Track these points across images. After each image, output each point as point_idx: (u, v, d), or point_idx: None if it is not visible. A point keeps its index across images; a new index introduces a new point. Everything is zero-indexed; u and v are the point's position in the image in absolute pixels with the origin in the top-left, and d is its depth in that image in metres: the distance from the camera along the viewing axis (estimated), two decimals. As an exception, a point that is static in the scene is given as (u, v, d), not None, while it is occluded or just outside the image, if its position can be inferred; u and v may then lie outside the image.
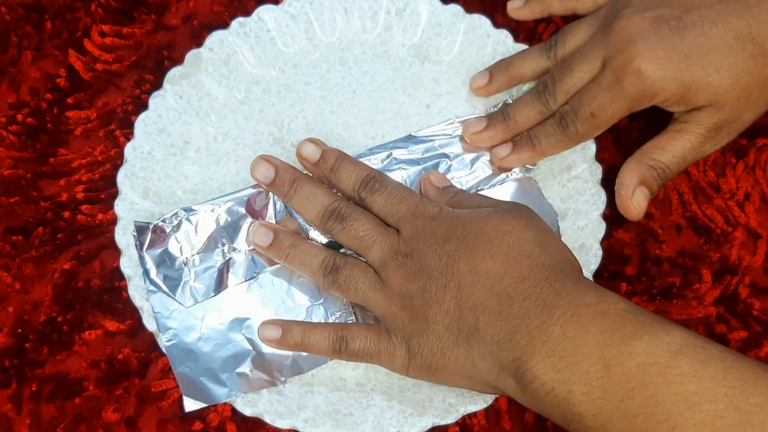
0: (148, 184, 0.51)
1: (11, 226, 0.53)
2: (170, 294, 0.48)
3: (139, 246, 0.49)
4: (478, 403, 0.47)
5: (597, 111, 0.48)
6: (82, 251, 0.52)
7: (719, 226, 0.52)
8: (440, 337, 0.43)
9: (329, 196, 0.48)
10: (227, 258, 0.49)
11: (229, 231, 0.49)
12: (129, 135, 0.53)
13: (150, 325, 0.48)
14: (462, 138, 0.52)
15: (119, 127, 0.55)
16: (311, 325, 0.48)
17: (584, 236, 0.50)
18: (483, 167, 0.52)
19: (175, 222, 0.49)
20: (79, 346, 0.50)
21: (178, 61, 0.54)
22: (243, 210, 0.50)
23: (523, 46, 0.54)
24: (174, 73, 0.53)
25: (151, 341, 0.49)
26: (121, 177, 0.51)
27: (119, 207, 0.50)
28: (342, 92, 0.54)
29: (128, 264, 0.49)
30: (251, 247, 0.49)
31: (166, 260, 0.49)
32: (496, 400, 0.47)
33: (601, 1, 0.52)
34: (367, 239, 0.46)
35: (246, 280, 0.49)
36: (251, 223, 0.50)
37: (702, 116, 0.47)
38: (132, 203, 0.50)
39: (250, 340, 0.48)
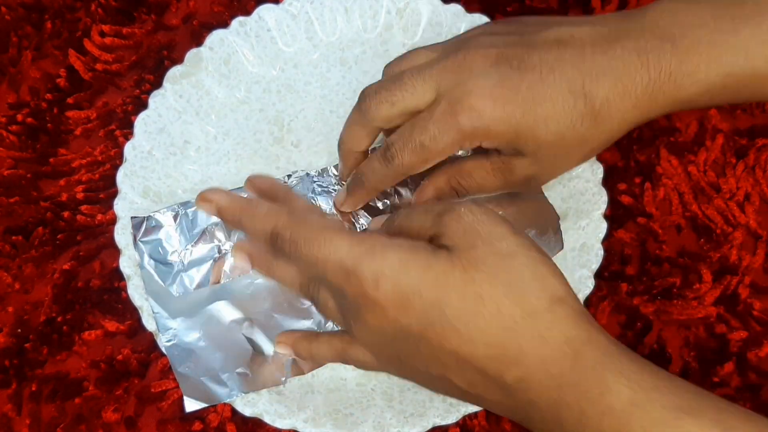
0: (147, 183, 0.51)
1: (11, 226, 0.53)
2: (161, 282, 0.48)
3: (134, 238, 0.49)
4: (478, 403, 0.47)
5: (427, 142, 0.44)
6: (81, 251, 0.52)
7: (719, 226, 0.52)
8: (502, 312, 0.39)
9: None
10: (222, 253, 0.49)
11: (224, 225, 0.49)
12: (129, 135, 0.53)
13: (150, 325, 0.48)
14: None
15: (119, 127, 0.55)
16: (314, 335, 0.47)
17: (585, 236, 0.50)
18: None
19: (171, 214, 0.50)
20: (79, 346, 0.50)
21: (178, 60, 0.54)
22: None
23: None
24: (174, 72, 0.53)
25: (150, 341, 0.49)
26: (121, 176, 0.51)
27: (119, 206, 0.50)
28: (342, 92, 0.54)
29: (128, 264, 0.49)
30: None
31: (159, 250, 0.49)
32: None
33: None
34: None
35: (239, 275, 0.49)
36: None
37: (517, 166, 0.45)
38: (132, 202, 0.50)
39: (250, 340, 0.48)
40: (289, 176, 0.52)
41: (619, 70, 0.42)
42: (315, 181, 0.51)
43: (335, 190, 0.51)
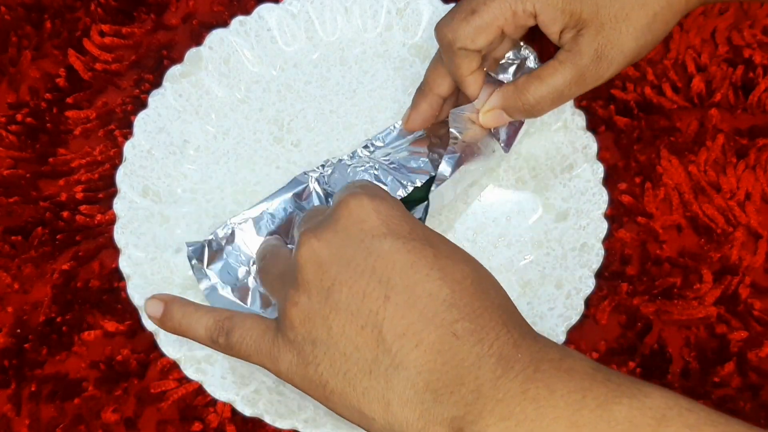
0: (147, 182, 0.51)
1: (11, 226, 0.53)
2: (242, 304, 0.48)
3: (199, 264, 0.48)
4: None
5: (477, 6, 0.44)
6: (81, 251, 0.52)
7: (720, 226, 0.52)
8: (347, 357, 0.35)
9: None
10: None
11: (281, 231, 0.49)
12: (128, 135, 0.53)
13: (149, 325, 0.48)
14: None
15: (118, 126, 0.55)
16: (195, 308, 0.41)
17: (586, 236, 0.50)
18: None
19: (228, 232, 0.48)
20: (78, 346, 0.50)
21: (178, 60, 0.54)
22: (291, 207, 0.49)
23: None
24: (174, 71, 0.53)
25: (150, 342, 0.49)
26: (121, 175, 0.51)
27: (118, 206, 0.50)
28: (342, 91, 0.54)
29: (127, 263, 0.49)
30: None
31: (228, 273, 0.48)
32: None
33: None
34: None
35: None
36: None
37: (583, 43, 0.44)
38: (131, 202, 0.50)
39: None
40: (323, 166, 0.51)
41: None
42: (350, 165, 0.50)
43: (370, 162, 0.50)
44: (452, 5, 0.54)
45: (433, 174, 0.49)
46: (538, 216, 0.51)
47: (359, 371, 0.35)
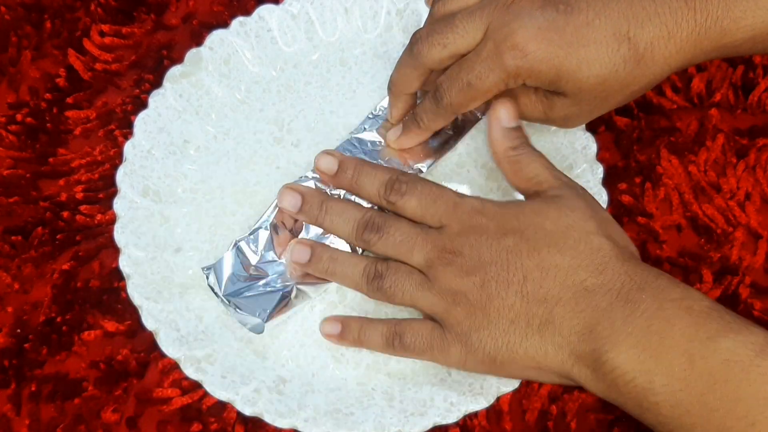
0: (147, 182, 0.51)
1: (11, 226, 0.53)
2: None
3: (219, 287, 0.48)
4: (479, 402, 0.46)
5: (474, 81, 0.46)
6: (81, 251, 0.52)
7: (720, 226, 0.52)
8: (505, 331, 0.43)
9: (360, 209, 0.48)
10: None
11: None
12: (128, 135, 0.53)
13: (149, 324, 0.48)
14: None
15: (119, 126, 0.55)
16: (368, 321, 0.48)
17: (585, 236, 0.50)
18: None
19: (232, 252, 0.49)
20: (78, 346, 0.50)
21: (178, 60, 0.54)
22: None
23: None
24: (174, 71, 0.53)
25: (150, 341, 0.49)
26: (121, 175, 0.51)
27: (118, 205, 0.50)
28: (342, 92, 0.54)
29: (127, 263, 0.49)
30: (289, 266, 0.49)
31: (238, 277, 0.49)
32: (497, 400, 0.47)
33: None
34: (407, 243, 0.46)
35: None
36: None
37: (557, 104, 0.47)
38: (131, 202, 0.50)
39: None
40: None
41: (665, 15, 0.43)
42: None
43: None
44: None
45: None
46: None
47: (518, 338, 0.43)
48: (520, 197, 0.48)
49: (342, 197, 0.50)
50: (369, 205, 0.49)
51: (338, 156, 0.49)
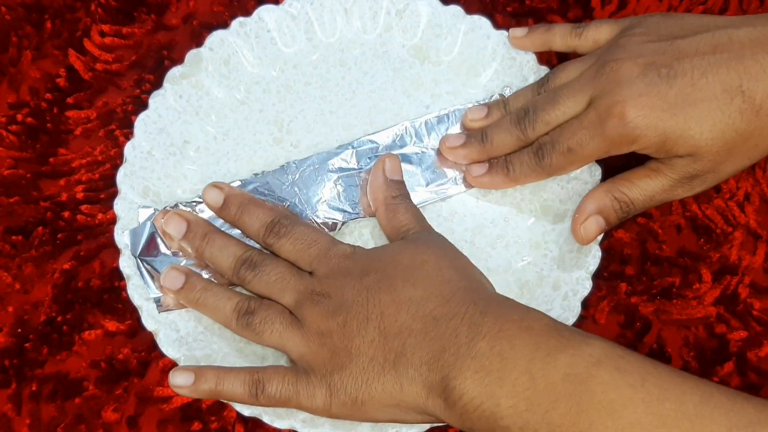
0: (147, 183, 0.51)
1: (11, 226, 0.53)
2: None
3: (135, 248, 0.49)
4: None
5: (575, 147, 0.48)
6: (81, 251, 0.52)
7: (719, 226, 0.52)
8: (365, 369, 0.43)
9: (240, 246, 0.48)
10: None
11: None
12: (129, 135, 0.53)
13: (149, 324, 0.48)
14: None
15: (119, 126, 0.55)
16: (225, 371, 0.46)
17: (584, 237, 0.50)
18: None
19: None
20: (78, 345, 0.50)
21: (178, 60, 0.54)
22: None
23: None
24: (174, 72, 0.53)
25: (150, 341, 0.49)
26: (121, 176, 0.51)
27: (119, 206, 0.50)
28: (342, 93, 0.54)
29: (127, 263, 0.49)
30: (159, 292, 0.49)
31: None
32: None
33: (602, 41, 0.51)
34: (280, 283, 0.46)
35: None
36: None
37: (678, 163, 0.47)
38: (131, 202, 0.50)
39: None
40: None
41: None
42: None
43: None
44: (451, 6, 0.54)
45: None
46: (536, 218, 0.51)
47: (376, 374, 0.43)
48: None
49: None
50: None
51: (225, 190, 0.49)
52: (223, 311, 0.46)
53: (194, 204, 0.50)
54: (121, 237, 0.49)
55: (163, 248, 0.49)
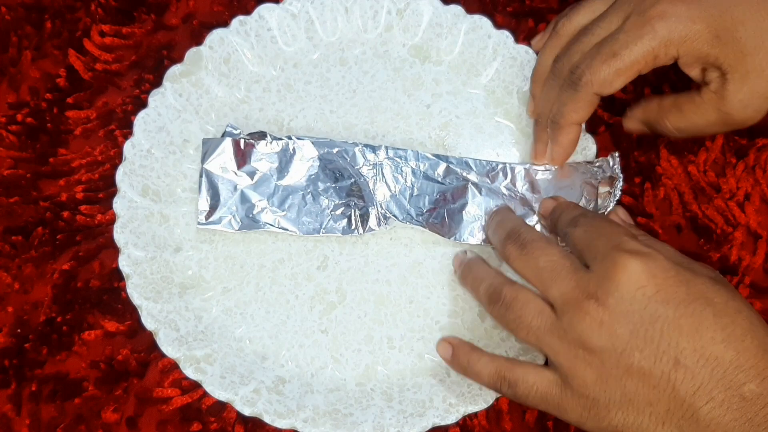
0: (147, 182, 0.51)
1: (11, 226, 0.53)
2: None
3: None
4: (478, 403, 0.46)
5: (620, 50, 0.43)
6: (81, 251, 0.52)
7: (719, 226, 0.52)
8: (640, 411, 0.38)
9: (516, 220, 0.47)
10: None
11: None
12: (128, 135, 0.52)
13: (149, 324, 0.48)
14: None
15: (119, 127, 0.55)
16: (477, 355, 0.44)
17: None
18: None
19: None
20: (78, 346, 0.50)
21: (178, 60, 0.54)
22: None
23: (525, 47, 0.54)
24: (174, 71, 0.53)
25: (150, 342, 0.49)
26: (120, 175, 0.51)
27: (118, 205, 0.50)
28: (342, 92, 0.54)
29: (127, 262, 0.49)
30: None
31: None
32: (497, 400, 0.47)
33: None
34: (549, 271, 0.41)
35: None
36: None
37: (730, 90, 0.43)
38: (131, 201, 0.50)
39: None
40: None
41: None
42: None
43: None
44: (452, 6, 0.54)
45: None
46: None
47: (653, 422, 0.38)
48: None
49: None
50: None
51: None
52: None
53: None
54: (121, 235, 0.49)
55: (228, 169, 0.51)
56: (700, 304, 0.38)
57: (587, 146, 0.52)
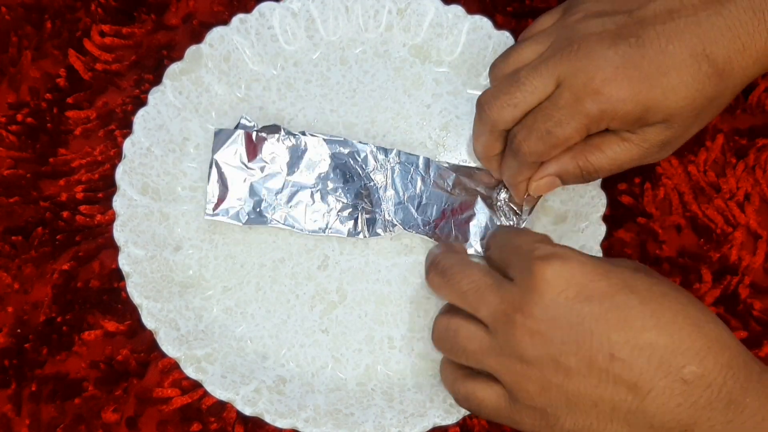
0: (146, 180, 0.51)
1: (11, 226, 0.53)
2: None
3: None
4: (479, 402, 0.46)
5: (553, 128, 0.44)
6: (81, 252, 0.52)
7: (719, 226, 0.52)
8: (587, 413, 0.39)
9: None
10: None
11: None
12: (128, 135, 0.52)
13: (149, 323, 0.48)
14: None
15: (119, 127, 0.55)
16: (445, 362, 0.46)
17: (584, 238, 0.50)
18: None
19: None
20: (78, 346, 0.50)
21: (178, 60, 0.54)
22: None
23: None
24: (174, 69, 0.53)
25: (150, 341, 0.49)
26: (120, 173, 0.50)
27: (117, 203, 0.50)
28: (342, 91, 0.54)
29: (127, 261, 0.49)
30: None
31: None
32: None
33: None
34: (473, 292, 0.42)
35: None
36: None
37: (650, 132, 0.45)
38: (131, 200, 0.50)
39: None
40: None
41: (736, 28, 0.42)
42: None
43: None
44: (453, 6, 0.54)
45: None
46: (537, 218, 0.51)
47: (601, 421, 0.39)
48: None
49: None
50: None
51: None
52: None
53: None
54: (120, 233, 0.49)
55: (239, 161, 0.51)
56: (624, 294, 0.38)
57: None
